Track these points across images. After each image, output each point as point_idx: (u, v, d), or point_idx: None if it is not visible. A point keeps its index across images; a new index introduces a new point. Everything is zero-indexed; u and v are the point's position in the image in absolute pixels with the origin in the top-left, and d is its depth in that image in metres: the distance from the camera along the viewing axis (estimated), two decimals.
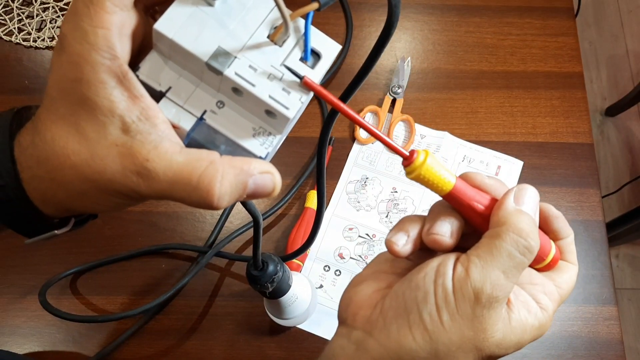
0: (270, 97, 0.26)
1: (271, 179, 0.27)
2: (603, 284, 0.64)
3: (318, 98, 0.72)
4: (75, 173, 0.25)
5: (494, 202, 0.31)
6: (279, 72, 0.27)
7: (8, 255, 0.63)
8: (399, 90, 0.72)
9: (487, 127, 0.72)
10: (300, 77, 0.26)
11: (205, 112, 0.27)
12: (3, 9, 0.76)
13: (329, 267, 0.64)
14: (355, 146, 0.70)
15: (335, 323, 0.32)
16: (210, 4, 0.26)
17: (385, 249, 0.33)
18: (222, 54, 0.26)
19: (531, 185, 0.31)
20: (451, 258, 0.29)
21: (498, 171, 0.69)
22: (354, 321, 0.31)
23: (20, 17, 0.75)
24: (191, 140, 0.27)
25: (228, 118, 0.28)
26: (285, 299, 0.52)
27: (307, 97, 0.27)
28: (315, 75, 0.27)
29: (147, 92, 0.26)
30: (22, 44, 0.74)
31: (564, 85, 0.74)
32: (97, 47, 0.24)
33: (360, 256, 0.65)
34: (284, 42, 0.27)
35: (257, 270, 0.47)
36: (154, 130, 0.25)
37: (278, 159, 0.71)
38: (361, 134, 0.70)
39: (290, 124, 0.28)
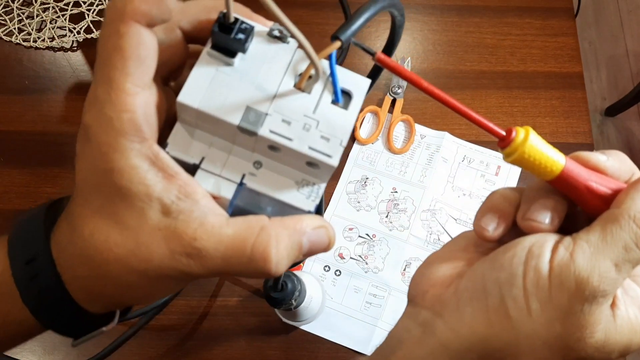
0: (310, 148, 0.25)
1: (325, 233, 0.26)
2: None
3: None
4: (121, 266, 0.24)
5: (617, 186, 0.26)
6: (314, 120, 0.25)
7: None
8: (399, 91, 0.72)
9: None
10: (373, 53, 0.25)
11: (244, 176, 0.26)
12: (3, 9, 0.76)
13: (329, 267, 0.64)
14: (355, 146, 0.70)
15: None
16: (230, 64, 0.25)
17: (468, 228, 0.29)
18: (253, 114, 0.25)
19: None
20: (550, 239, 0.25)
21: (498, 171, 0.69)
22: (423, 300, 0.28)
23: (20, 18, 0.75)
24: (235, 209, 0.26)
25: (268, 177, 0.26)
26: (303, 305, 0.53)
27: (346, 139, 0.26)
28: (351, 115, 0.26)
29: (181, 167, 0.24)
30: (22, 45, 0.74)
31: (564, 85, 0.74)
32: (124, 132, 0.23)
33: (360, 256, 0.65)
34: (311, 88, 0.26)
35: (277, 291, 0.47)
36: (196, 207, 0.24)
37: None
38: (361, 133, 0.70)
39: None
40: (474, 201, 0.67)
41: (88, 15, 0.76)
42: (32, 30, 0.75)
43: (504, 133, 0.25)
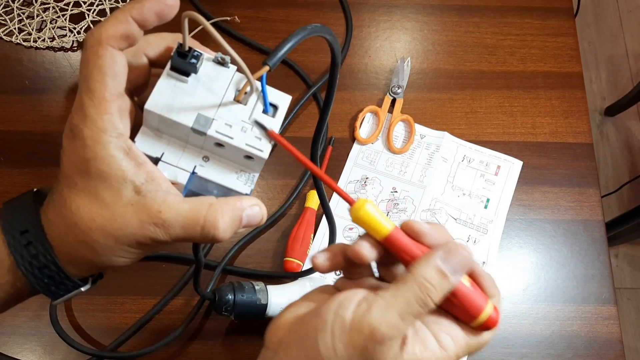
0: (247, 144, 0.32)
1: (259, 210, 0.33)
2: (602, 284, 0.64)
3: (315, 98, 0.72)
4: (101, 232, 0.30)
5: (424, 251, 0.32)
6: (249, 124, 0.33)
7: None
8: (399, 90, 0.72)
9: (487, 127, 0.72)
10: (266, 129, 0.33)
11: (195, 167, 0.33)
12: (3, 9, 0.76)
13: None
14: (355, 146, 0.70)
15: None
16: (185, 82, 0.32)
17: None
18: (203, 118, 0.32)
19: (464, 246, 0.32)
20: (359, 293, 0.32)
21: (498, 171, 0.69)
22: (271, 342, 0.34)
23: (20, 18, 0.75)
24: (188, 192, 0.33)
25: (214, 168, 0.34)
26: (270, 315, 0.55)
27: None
28: (277, 121, 0.33)
29: (147, 158, 0.31)
30: (23, 44, 0.74)
31: (564, 85, 0.75)
32: (105, 129, 0.29)
33: None
34: (247, 100, 0.33)
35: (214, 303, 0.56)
36: (160, 188, 0.31)
37: (278, 160, 0.72)
38: (361, 133, 0.71)
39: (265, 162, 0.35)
40: (474, 201, 0.67)
41: (88, 15, 0.76)
42: (32, 30, 0.75)
43: (351, 199, 0.33)
